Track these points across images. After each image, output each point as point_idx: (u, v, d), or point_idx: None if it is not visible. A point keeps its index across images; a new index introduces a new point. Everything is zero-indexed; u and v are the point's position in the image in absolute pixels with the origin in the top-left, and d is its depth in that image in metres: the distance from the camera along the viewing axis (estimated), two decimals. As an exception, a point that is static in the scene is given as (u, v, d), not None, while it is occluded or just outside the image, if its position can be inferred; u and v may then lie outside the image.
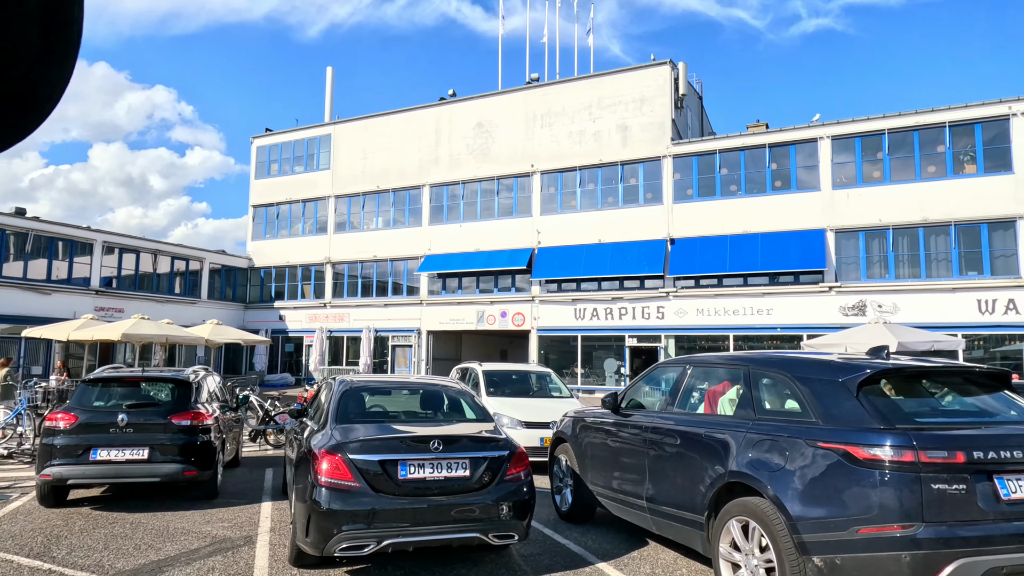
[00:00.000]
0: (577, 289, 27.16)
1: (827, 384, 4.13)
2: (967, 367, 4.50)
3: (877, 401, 3.95)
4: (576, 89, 27.91)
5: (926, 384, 4.55)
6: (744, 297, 24.20)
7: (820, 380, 4.20)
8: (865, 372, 4.04)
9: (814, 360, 4.73)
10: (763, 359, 5.12)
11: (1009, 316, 20.89)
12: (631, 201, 26.57)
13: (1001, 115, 21.42)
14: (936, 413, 4.23)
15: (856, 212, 22.99)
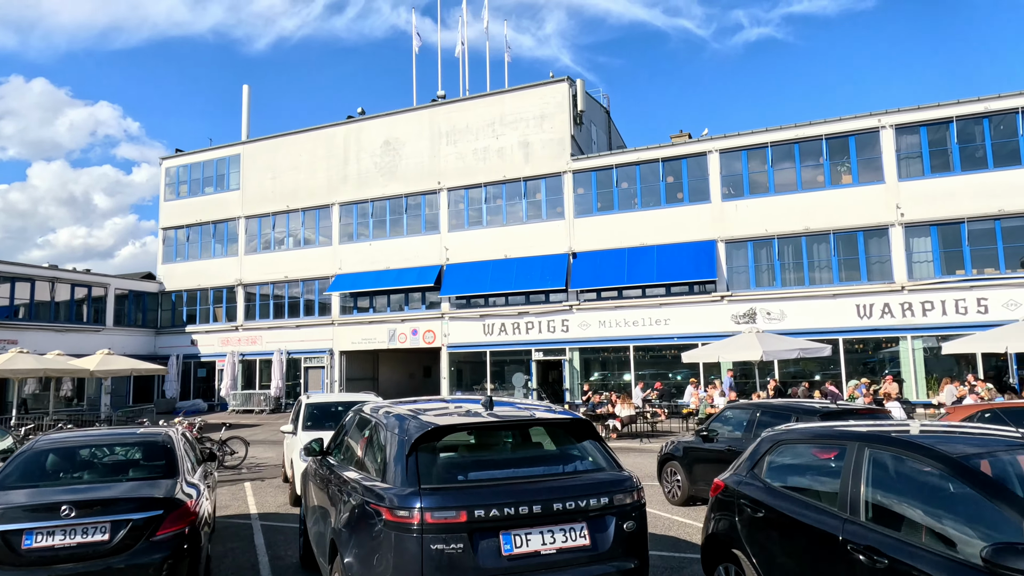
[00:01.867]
0: (485, 305, 27.30)
1: (395, 442, 4.19)
2: (545, 419, 4.50)
3: (426, 459, 4.00)
4: (480, 106, 28.15)
5: (491, 438, 4.62)
6: (642, 308, 24.69)
7: (394, 438, 4.25)
8: (427, 429, 4.08)
9: (401, 416, 4.58)
10: (379, 413, 5.03)
11: (885, 320, 21.81)
12: (535, 216, 26.87)
13: (872, 127, 22.43)
14: (485, 468, 4.20)
15: (744, 223, 23.73)
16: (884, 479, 3.73)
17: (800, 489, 4.25)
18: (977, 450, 3.51)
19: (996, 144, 21.24)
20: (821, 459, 4.27)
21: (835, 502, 3.87)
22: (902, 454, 3.66)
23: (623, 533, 3.85)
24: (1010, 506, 3.06)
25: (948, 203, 21.34)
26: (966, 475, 3.28)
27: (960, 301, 21.01)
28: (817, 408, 7.37)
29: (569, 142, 26.42)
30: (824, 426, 4.54)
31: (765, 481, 4.50)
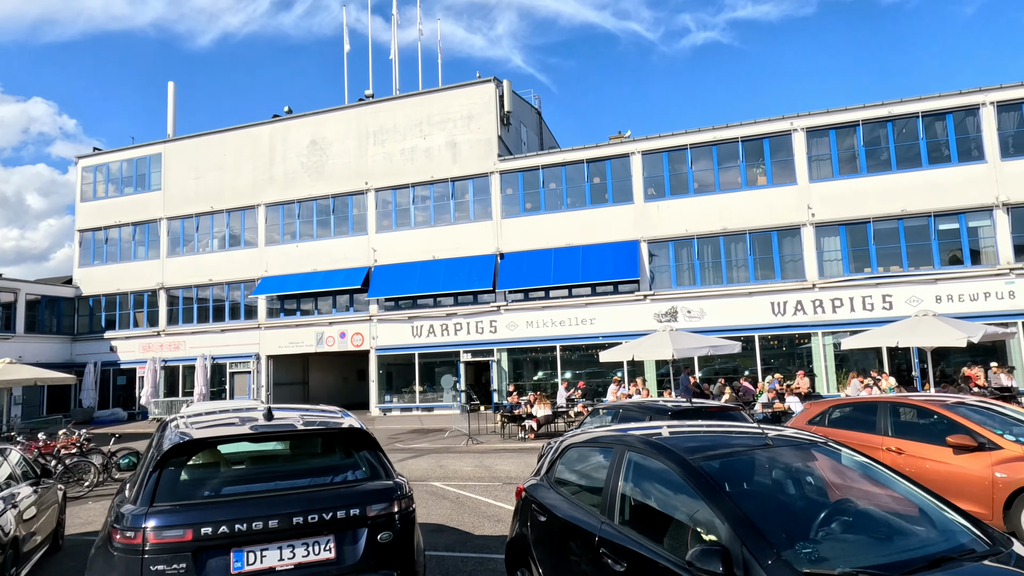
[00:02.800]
0: (414, 306, 27.05)
1: (149, 457, 4.05)
2: (311, 430, 4.41)
3: (171, 475, 3.87)
4: (407, 106, 27.87)
5: (260, 449, 4.53)
6: (569, 308, 24.85)
7: (151, 452, 4.11)
8: (177, 443, 3.96)
9: (165, 428, 4.31)
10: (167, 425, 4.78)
11: (798, 316, 22.49)
12: (462, 217, 26.76)
13: (785, 130, 23.10)
14: (241, 482, 4.09)
15: (666, 223, 24.13)
16: (636, 482, 3.76)
17: (577, 493, 4.26)
18: (712, 452, 3.55)
19: (899, 147, 22.14)
20: (594, 463, 4.29)
21: (599, 506, 3.88)
22: (649, 456, 3.69)
23: (377, 545, 3.77)
24: (719, 507, 3.09)
25: (856, 204, 22.15)
26: (691, 476, 3.32)
27: (867, 298, 21.83)
28: (668, 407, 7.49)
29: (496, 142, 26.40)
30: (600, 430, 4.57)
31: (553, 486, 4.50)
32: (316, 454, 4.46)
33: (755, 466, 3.54)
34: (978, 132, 21.34)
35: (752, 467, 3.53)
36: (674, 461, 3.45)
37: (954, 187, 21.27)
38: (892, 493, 3.56)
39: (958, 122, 21.67)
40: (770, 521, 3.12)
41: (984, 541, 3.11)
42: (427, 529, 8.06)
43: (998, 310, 20.61)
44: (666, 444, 3.68)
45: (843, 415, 8.11)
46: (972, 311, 20.70)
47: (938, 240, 21.52)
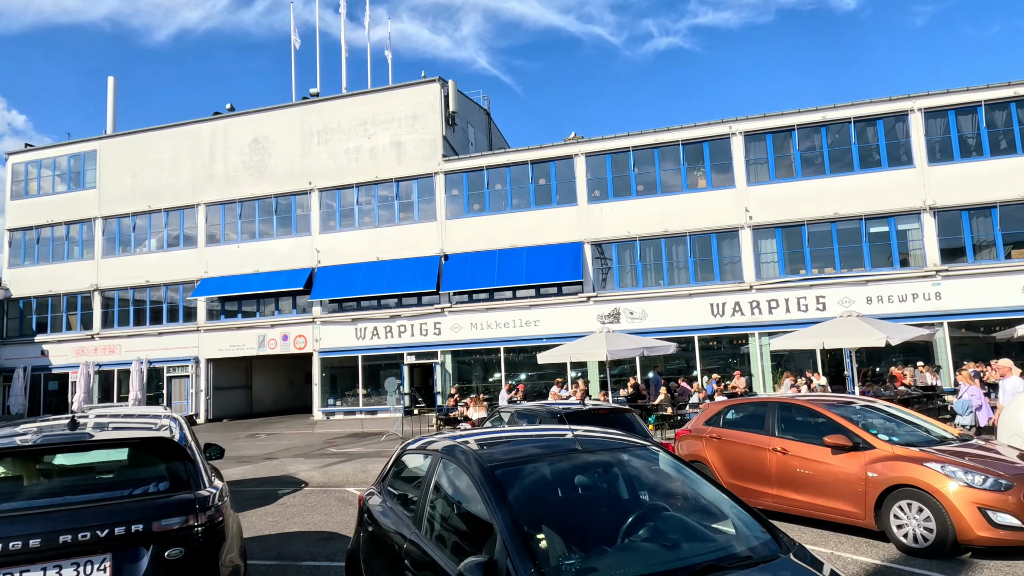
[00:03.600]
0: (358, 308, 26.65)
1: None
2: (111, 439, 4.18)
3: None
4: (351, 105, 27.47)
5: (61, 462, 4.27)
6: (513, 310, 24.77)
7: None
8: None
9: None
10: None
11: (736, 317, 22.80)
12: (407, 218, 26.47)
13: (723, 134, 23.42)
14: (19, 498, 3.74)
15: (609, 225, 24.23)
16: (443, 491, 3.63)
17: (401, 502, 4.12)
18: (512, 459, 3.44)
19: (833, 151, 22.64)
20: (416, 470, 4.15)
21: (413, 515, 3.75)
22: (452, 464, 3.56)
23: (166, 563, 3.56)
24: (498, 517, 2.97)
25: (791, 207, 22.57)
26: (482, 485, 3.20)
27: (802, 299, 22.26)
28: (558, 409, 7.43)
29: (441, 143, 26.18)
30: (430, 436, 4.44)
31: (384, 493, 4.36)
32: (124, 465, 4.21)
33: (555, 474, 3.43)
34: (907, 138, 21.95)
35: (552, 475, 3.42)
36: (469, 469, 3.33)
37: (884, 191, 21.84)
38: (701, 497, 3.50)
39: (888, 128, 22.26)
40: (556, 532, 3.02)
41: (768, 546, 3.07)
42: (317, 538, 7.83)
43: (925, 311, 21.21)
44: (466, 451, 3.55)
45: (736, 415, 8.15)
46: (901, 312, 21.27)
47: (869, 243, 22.05)
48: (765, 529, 3.21)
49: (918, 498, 6.08)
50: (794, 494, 7.13)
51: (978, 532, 5.75)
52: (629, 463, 3.64)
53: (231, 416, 28.73)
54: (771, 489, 7.37)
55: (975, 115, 21.46)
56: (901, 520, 6.21)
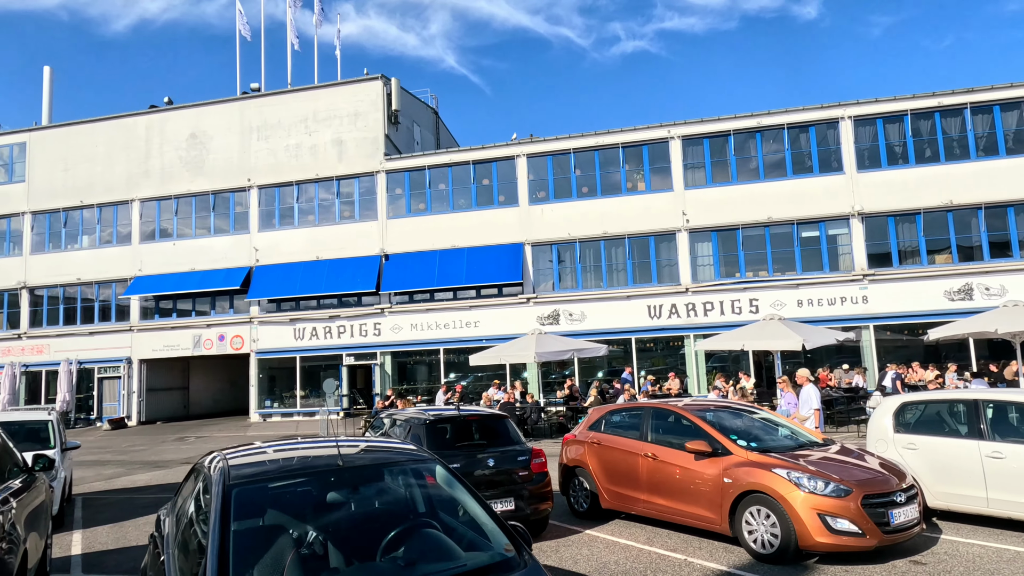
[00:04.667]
0: (296, 308, 26.17)
1: None
2: None
3: None
4: (293, 102, 26.97)
5: None
6: (453, 311, 24.60)
7: None
8: None
9: None
10: None
11: (672, 319, 23.02)
12: (348, 217, 26.09)
13: (662, 138, 23.62)
14: None
15: (550, 226, 24.23)
16: (195, 511, 3.48)
17: (175, 519, 3.94)
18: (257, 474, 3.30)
19: (767, 157, 23.02)
20: (188, 486, 3.99)
21: (175, 536, 3.58)
22: (210, 482, 3.41)
23: None
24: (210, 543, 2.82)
25: (727, 210, 22.87)
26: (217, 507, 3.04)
27: (736, 302, 22.57)
28: (430, 417, 7.32)
29: (383, 141, 25.87)
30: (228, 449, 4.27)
31: (171, 510, 4.18)
32: None
33: (300, 492, 3.30)
34: (838, 145, 22.44)
35: (296, 493, 3.29)
36: (211, 486, 3.19)
37: (815, 197, 22.28)
38: (462, 513, 3.42)
39: (820, 135, 22.72)
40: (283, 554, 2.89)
41: (509, 563, 3.01)
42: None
43: (853, 314, 21.71)
44: (220, 466, 3.40)
45: (617, 421, 8.15)
46: (830, 315, 21.74)
47: (800, 247, 22.48)
48: (511, 546, 3.13)
49: (766, 504, 6.12)
50: (662, 500, 7.14)
51: (817, 538, 5.81)
52: (394, 479, 3.54)
53: (166, 418, 27.96)
54: (642, 495, 7.37)
55: (902, 124, 22.05)
56: (752, 526, 6.25)
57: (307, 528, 3.15)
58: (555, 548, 6.92)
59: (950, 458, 7.06)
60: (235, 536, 2.86)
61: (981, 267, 20.99)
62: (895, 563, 5.93)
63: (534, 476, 7.14)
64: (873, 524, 5.78)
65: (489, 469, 6.95)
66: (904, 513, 5.96)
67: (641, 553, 6.62)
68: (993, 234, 21.30)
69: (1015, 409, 6.94)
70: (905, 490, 6.10)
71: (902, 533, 5.95)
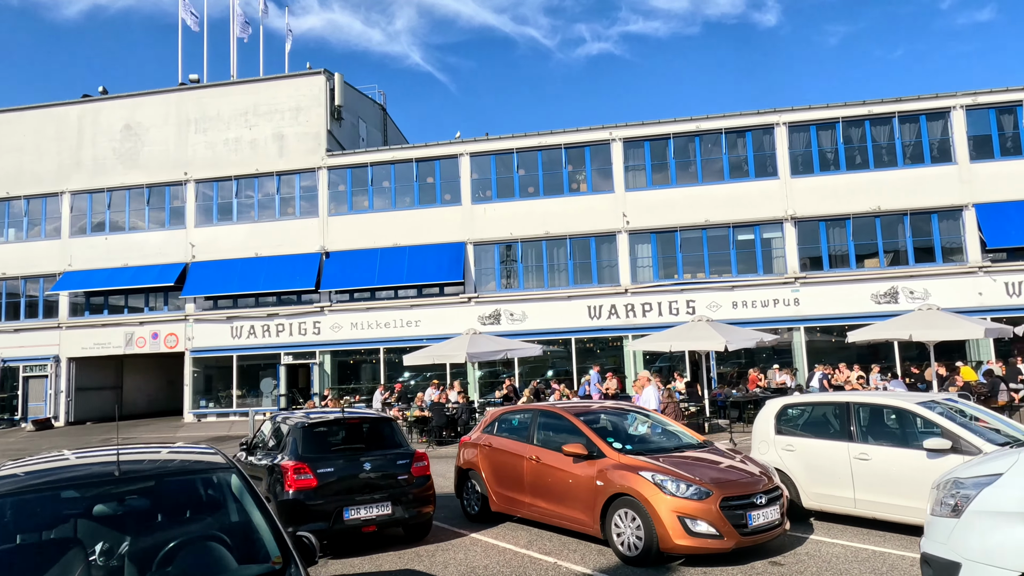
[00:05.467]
0: (234, 306, 25.58)
1: None
2: None
3: None
4: (232, 94, 26.33)
5: None
6: (394, 310, 24.36)
7: None
8: None
9: None
10: None
11: (612, 320, 23.19)
12: (288, 213, 25.61)
13: (604, 140, 23.77)
14: None
15: (492, 226, 24.17)
16: None
17: None
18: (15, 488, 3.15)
19: (705, 160, 23.37)
20: None
21: None
22: None
23: None
24: None
25: (666, 213, 23.13)
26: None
27: (673, 303, 22.86)
28: (304, 421, 7.18)
29: (325, 137, 25.46)
30: None
31: None
32: None
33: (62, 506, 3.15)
34: (773, 150, 22.90)
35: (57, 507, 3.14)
36: None
37: (751, 200, 22.69)
38: (245, 524, 3.31)
39: (756, 140, 23.16)
40: None
41: None
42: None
43: (785, 316, 22.20)
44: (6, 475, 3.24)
45: (508, 423, 8.13)
46: (763, 316, 22.19)
47: (736, 250, 22.89)
48: (279, 559, 3.04)
49: (633, 507, 6.16)
50: (544, 503, 7.14)
51: (676, 540, 5.86)
52: (181, 489, 3.40)
53: (97, 419, 27.03)
54: (527, 498, 7.36)
55: (834, 131, 22.61)
56: (620, 528, 6.28)
57: (70, 545, 3.00)
58: (432, 552, 6.86)
59: (823, 459, 7.23)
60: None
61: (906, 271, 21.69)
62: (754, 564, 6.03)
63: (415, 480, 7.06)
64: (731, 526, 5.86)
65: (366, 473, 6.85)
66: (764, 515, 6.06)
67: (515, 557, 6.60)
68: (918, 239, 22.03)
69: (883, 412, 7.14)
70: (767, 492, 6.20)
71: (761, 535, 6.05)
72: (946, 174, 21.77)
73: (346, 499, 6.63)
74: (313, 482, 6.53)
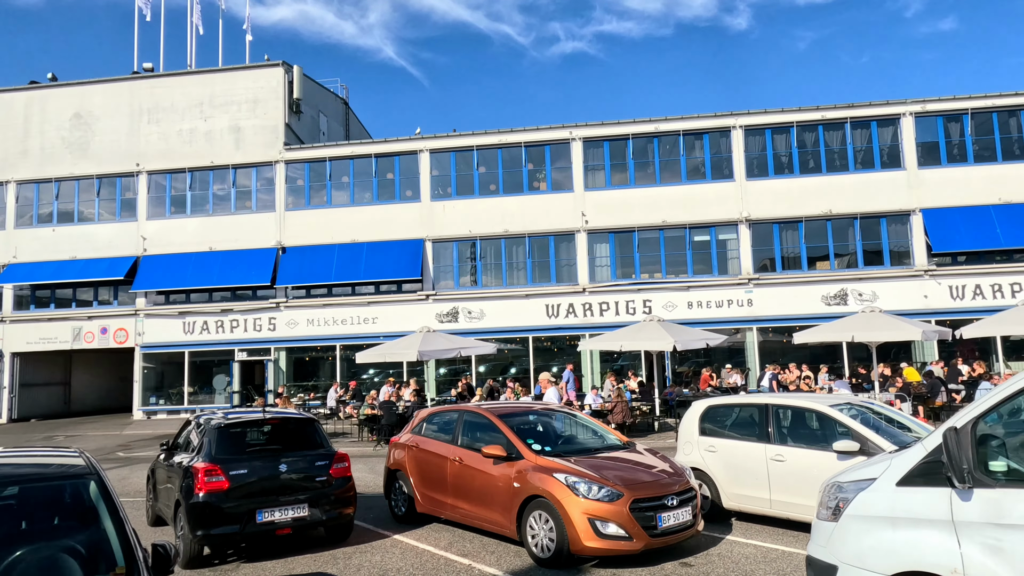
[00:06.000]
0: (187, 301, 25.04)
1: None
2: None
3: None
4: (187, 84, 25.74)
5: None
6: (352, 307, 24.11)
7: None
8: None
9: None
10: None
11: (570, 319, 23.27)
12: (244, 207, 25.15)
13: (563, 139, 23.82)
14: None
15: (451, 223, 24.06)
16: None
17: None
18: None
19: (663, 162, 23.56)
20: None
21: None
22: None
23: None
24: None
25: (624, 213, 23.28)
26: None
27: (630, 302, 23.02)
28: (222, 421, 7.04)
29: (283, 130, 25.05)
30: None
31: None
32: None
33: None
34: (729, 153, 23.19)
35: None
36: None
37: (708, 202, 22.96)
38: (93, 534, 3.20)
39: (713, 142, 23.43)
40: None
41: None
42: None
43: (739, 316, 22.53)
44: None
45: (435, 424, 8.08)
46: (718, 316, 22.49)
47: (692, 250, 23.15)
48: (124, 568, 2.95)
49: (546, 508, 6.16)
50: (465, 504, 7.11)
51: (586, 542, 5.88)
52: (24, 497, 3.28)
53: (42, 415, 26.25)
54: (449, 499, 7.32)
55: (788, 135, 22.99)
56: (534, 530, 6.28)
57: None
58: (349, 555, 6.78)
59: (742, 461, 7.32)
60: None
61: (856, 274, 22.16)
62: (664, 565, 6.08)
63: (334, 481, 6.96)
64: (640, 528, 5.89)
65: (283, 474, 6.73)
66: (675, 516, 6.11)
67: (431, 559, 6.56)
68: (867, 243, 22.53)
69: (800, 414, 7.26)
70: (679, 493, 6.25)
71: (671, 536, 6.10)
72: (895, 179, 22.29)
73: (260, 501, 6.51)
74: (224, 484, 6.39)
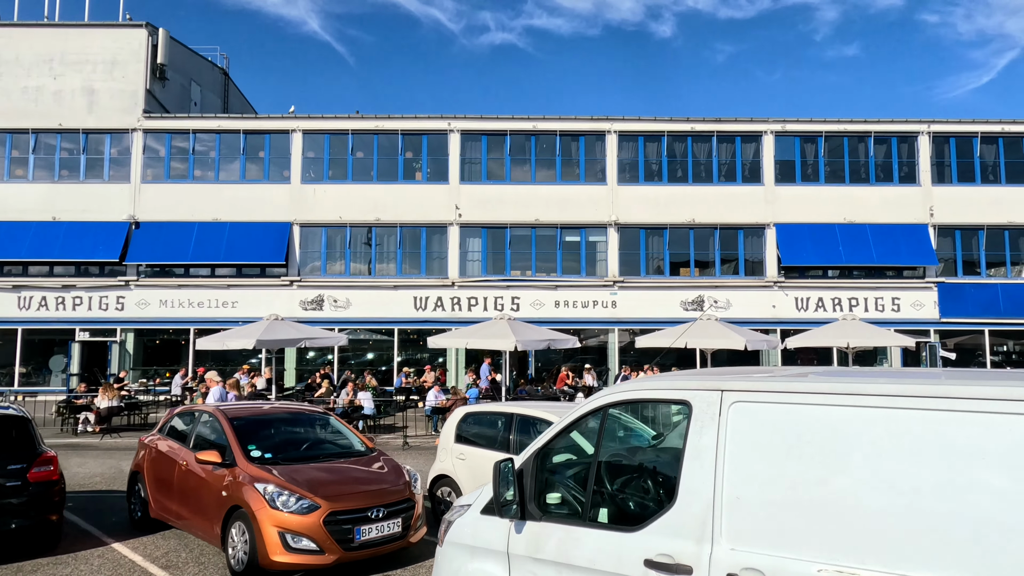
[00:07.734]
0: (24, 273, 23.04)
1: None
2: None
3: None
4: (34, 37, 23.56)
5: None
6: (210, 289, 22.92)
7: None
8: None
9: None
10: None
11: (438, 312, 23.05)
12: (95, 176, 23.36)
13: (441, 130, 23.49)
14: None
15: (321, 208, 23.28)
16: None
17: None
18: None
19: (539, 160, 23.70)
20: None
21: None
22: None
23: None
24: None
25: (498, 209, 23.25)
26: None
27: (499, 298, 23.07)
28: None
29: (143, 96, 23.39)
30: None
31: None
32: None
33: None
34: (603, 156, 23.59)
35: None
36: None
37: (580, 204, 23.28)
38: None
39: (588, 145, 23.76)
40: None
41: None
42: None
43: (603, 317, 23.03)
44: None
45: (177, 424, 7.64)
46: (584, 317, 22.92)
47: (563, 250, 23.44)
48: None
49: (244, 520, 5.89)
50: (186, 511, 6.74)
51: (274, 556, 5.66)
52: None
53: None
54: (174, 505, 6.92)
55: (659, 143, 23.62)
56: (234, 542, 6.01)
57: None
58: (42, 566, 6.25)
59: (485, 469, 7.30)
60: None
61: (713, 282, 23.12)
62: (368, 578, 5.95)
63: (31, 486, 6.41)
64: (334, 541, 5.72)
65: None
66: (378, 528, 5.98)
67: (128, 572, 6.14)
68: (726, 252, 23.55)
69: (536, 422, 7.31)
70: (390, 504, 6.13)
71: (371, 549, 5.97)
72: (754, 194, 23.37)
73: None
74: None
